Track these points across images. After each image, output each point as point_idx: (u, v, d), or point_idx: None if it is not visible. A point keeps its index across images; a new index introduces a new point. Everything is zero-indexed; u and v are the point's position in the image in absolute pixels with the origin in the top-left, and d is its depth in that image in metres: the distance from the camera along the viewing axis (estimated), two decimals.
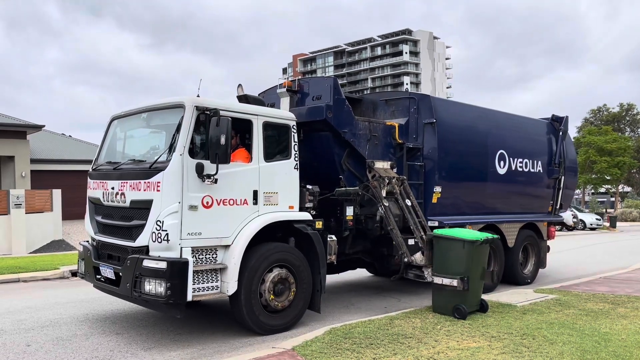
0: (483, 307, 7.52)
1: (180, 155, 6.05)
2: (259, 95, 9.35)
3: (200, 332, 6.89)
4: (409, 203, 8.32)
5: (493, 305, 7.98)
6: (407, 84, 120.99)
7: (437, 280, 7.51)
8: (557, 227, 12.47)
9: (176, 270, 5.87)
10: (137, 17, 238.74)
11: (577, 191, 64.65)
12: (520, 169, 10.49)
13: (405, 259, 7.99)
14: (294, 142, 7.22)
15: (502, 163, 10.08)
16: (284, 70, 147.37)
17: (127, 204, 6.44)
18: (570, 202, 12.79)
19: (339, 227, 7.99)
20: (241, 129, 6.92)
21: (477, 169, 9.70)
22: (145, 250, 6.13)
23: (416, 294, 9.74)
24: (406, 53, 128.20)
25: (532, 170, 10.76)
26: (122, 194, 6.51)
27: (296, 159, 7.20)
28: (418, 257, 7.99)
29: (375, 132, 8.58)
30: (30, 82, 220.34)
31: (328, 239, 7.52)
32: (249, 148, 6.81)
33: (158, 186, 6.06)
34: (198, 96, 6.48)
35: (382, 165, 8.40)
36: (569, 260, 16.16)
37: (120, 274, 6.32)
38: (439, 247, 7.59)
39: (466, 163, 9.48)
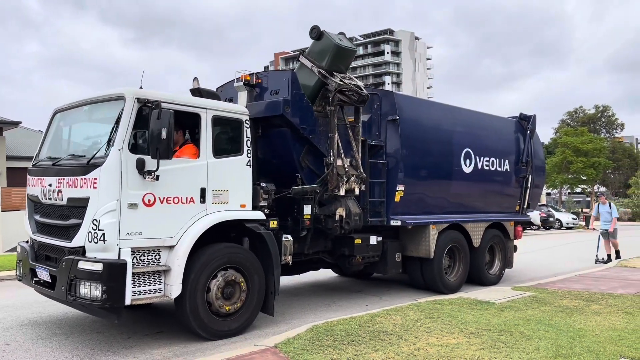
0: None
1: (119, 150, 5.69)
2: (217, 89, 9.02)
3: (182, 331, 6.67)
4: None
5: (472, 302, 8.07)
6: (388, 83, 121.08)
7: None
8: (534, 227, 12.64)
9: (113, 273, 5.51)
10: (122, 10, 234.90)
11: (554, 191, 65.27)
12: (487, 168, 10.29)
13: None
14: (247, 137, 6.89)
15: (468, 162, 9.86)
16: (266, 69, 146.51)
17: (64, 201, 6.07)
18: (538, 201, 12.66)
19: (296, 226, 7.69)
20: (189, 123, 6.58)
21: (441, 167, 9.47)
22: (81, 251, 5.76)
23: (397, 292, 9.67)
24: (387, 53, 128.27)
25: (499, 169, 10.57)
26: (59, 191, 6.14)
27: (249, 155, 6.87)
28: None
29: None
30: (9, 77, 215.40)
31: (283, 239, 7.21)
32: (197, 143, 6.47)
33: (95, 183, 5.70)
34: (141, 88, 6.13)
35: (341, 162, 8.12)
36: (545, 258, 16.34)
37: (56, 276, 5.95)
38: None
39: (430, 161, 9.25)
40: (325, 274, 10.96)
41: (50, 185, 6.29)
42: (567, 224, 35.64)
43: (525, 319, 7.02)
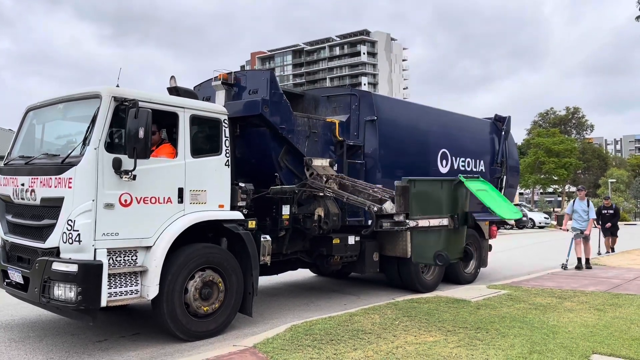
0: (467, 255, 7.17)
1: (95, 149, 5.59)
2: (194, 87, 8.94)
3: (159, 332, 6.56)
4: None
5: (448, 301, 8.15)
6: (364, 84, 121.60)
7: (423, 223, 6.91)
8: (509, 227, 12.58)
9: (88, 274, 5.42)
10: (98, 6, 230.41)
11: (527, 191, 66.40)
12: (463, 168, 10.40)
13: (375, 208, 7.33)
14: (225, 137, 6.84)
15: (444, 162, 9.97)
16: (242, 68, 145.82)
17: (38, 201, 5.94)
18: (512, 200, 12.83)
19: (274, 226, 7.66)
20: (167, 122, 6.52)
21: (418, 167, 9.51)
22: (55, 252, 5.65)
23: (374, 291, 9.72)
24: (364, 54, 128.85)
25: (474, 169, 10.70)
26: (33, 190, 6.00)
27: (227, 155, 6.82)
28: (388, 206, 7.29)
29: (314, 129, 8.30)
30: None
31: (262, 239, 7.18)
32: (175, 143, 6.40)
33: (70, 182, 5.59)
34: (117, 86, 6.04)
35: (320, 162, 8.12)
36: (519, 257, 16.60)
37: (29, 277, 5.82)
38: (417, 191, 6.92)
39: (408, 161, 9.30)
40: (303, 274, 10.95)
41: (22, 184, 6.15)
42: (540, 223, 36.29)
43: (501, 316, 7.12)
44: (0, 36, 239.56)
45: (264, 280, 9.71)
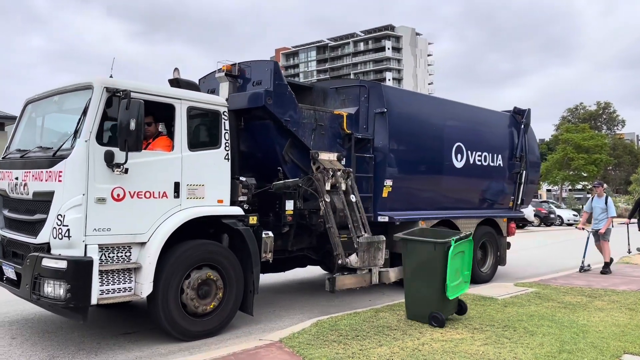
0: (462, 309, 6.92)
1: (86, 141, 5.42)
2: (199, 80, 8.75)
3: None
4: (353, 199, 7.72)
5: (475, 298, 8.01)
6: (389, 79, 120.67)
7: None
8: (530, 224, 12.02)
9: (78, 271, 5.25)
10: (128, 4, 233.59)
11: (555, 187, 64.98)
12: (479, 163, 10.00)
13: (340, 261, 7.40)
14: (225, 129, 6.61)
15: (459, 156, 9.58)
16: None
17: (30, 195, 5.81)
18: (532, 197, 12.37)
19: (278, 222, 7.41)
20: (164, 114, 6.30)
21: (431, 162, 9.19)
22: (46, 247, 5.50)
23: (399, 287, 9.21)
24: (388, 49, 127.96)
25: (491, 164, 10.29)
26: (25, 184, 5.88)
27: (227, 148, 6.60)
28: (353, 258, 7.40)
29: (321, 122, 8.01)
30: (12, 71, 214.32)
31: (263, 236, 6.93)
32: (172, 136, 6.20)
33: (60, 176, 5.43)
34: (111, 77, 5.86)
35: (327, 156, 7.84)
36: (547, 255, 16.26)
37: (21, 273, 5.69)
38: (409, 252, 6.85)
39: (420, 156, 8.97)
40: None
41: (17, 178, 6.04)
42: (568, 220, 35.45)
43: (529, 314, 7.02)
44: (34, 34, 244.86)
45: (289, 276, 9.77)
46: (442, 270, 6.42)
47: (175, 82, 7.15)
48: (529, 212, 10.51)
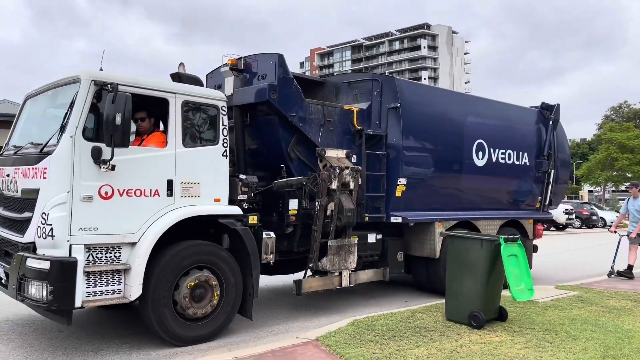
0: (502, 315, 6.74)
1: (71, 137, 5.20)
2: (207, 75, 8.51)
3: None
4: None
5: (514, 300, 7.52)
6: (424, 78, 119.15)
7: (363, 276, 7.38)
8: (559, 226, 11.39)
9: (60, 272, 5.03)
10: (167, 6, 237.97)
11: (598, 189, 62.74)
12: (503, 161, 9.44)
13: (310, 264, 7.16)
14: (223, 125, 6.31)
15: (480, 154, 9.04)
16: (301, 64, 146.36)
17: (19, 193, 5.64)
18: (562, 197, 11.68)
19: (281, 222, 7.08)
20: (158, 109, 6.05)
21: (450, 159, 8.69)
22: (32, 247, 5.30)
23: (435, 292, 9.02)
24: (424, 48, 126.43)
25: (516, 162, 9.70)
26: (15, 182, 5.72)
27: (225, 144, 6.30)
28: (324, 261, 7.15)
29: (330, 117, 7.64)
30: (55, 73, 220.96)
31: (264, 236, 6.61)
32: (167, 131, 5.93)
33: (44, 173, 5.24)
34: (101, 70, 5.63)
35: (335, 153, 7.47)
36: (589, 257, 15.76)
37: (9, 273, 5.52)
38: (453, 249, 6.74)
39: (437, 153, 8.47)
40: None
41: (8, 175, 5.89)
42: (611, 222, 33.93)
43: (571, 318, 6.88)
44: (76, 37, 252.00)
45: None
46: (488, 269, 6.37)
47: (177, 77, 6.90)
48: (558, 213, 9.87)
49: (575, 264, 13.78)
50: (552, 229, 28.04)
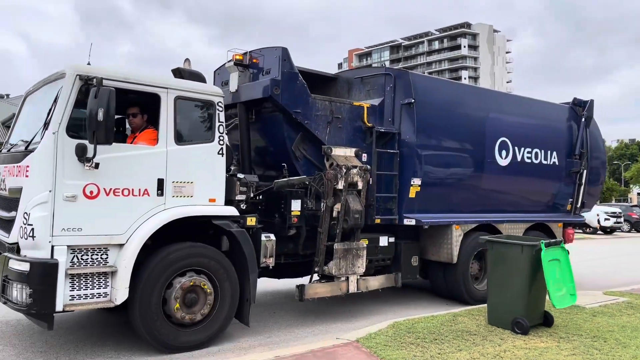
0: (548, 321, 6.51)
1: (54, 133, 5.00)
2: (214, 71, 8.26)
3: (265, 321, 6.93)
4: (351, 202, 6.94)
5: None
6: (464, 78, 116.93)
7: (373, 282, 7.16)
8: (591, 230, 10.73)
9: (40, 274, 4.83)
10: (207, 9, 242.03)
11: None
12: (529, 160, 8.84)
13: (316, 268, 6.83)
14: (219, 122, 6.01)
15: (504, 153, 8.49)
16: (339, 66, 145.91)
17: (7, 192, 5.49)
18: (597, 199, 10.92)
19: (283, 224, 6.74)
20: (151, 105, 5.80)
21: (469, 159, 8.16)
22: (17, 247, 5.12)
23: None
24: (464, 47, 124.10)
25: (544, 162, 9.08)
26: (3, 180, 5.58)
27: (221, 142, 6.00)
28: (330, 266, 6.80)
29: (338, 114, 7.27)
30: None
31: (263, 238, 6.29)
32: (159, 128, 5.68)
33: (27, 171, 5.06)
34: (89, 64, 5.42)
35: (343, 152, 7.09)
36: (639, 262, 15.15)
37: None
38: (493, 254, 6.57)
39: (455, 151, 7.99)
40: None
41: (0, 173, 5.75)
42: None
43: (621, 325, 6.63)
44: (122, 40, 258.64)
45: None
46: (530, 274, 6.17)
47: (177, 73, 6.65)
48: (591, 216, 9.13)
49: (624, 269, 13.18)
50: (598, 232, 26.95)
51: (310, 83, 7.83)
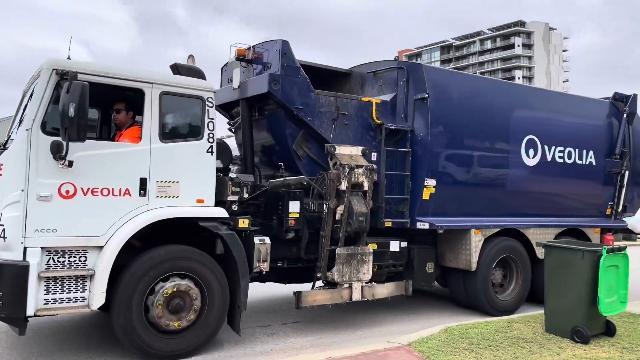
0: (610, 330, 6.27)
1: (27, 130, 4.81)
2: (222, 68, 7.99)
3: (319, 322, 6.95)
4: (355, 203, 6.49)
5: (623, 315, 7.11)
6: (518, 78, 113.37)
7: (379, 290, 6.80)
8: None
9: (9, 277, 4.64)
10: (259, 13, 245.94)
11: None
12: (560, 160, 8.12)
13: (318, 274, 6.42)
14: (209, 118, 5.68)
15: (531, 151, 7.81)
16: None
17: None
18: None
19: (280, 227, 6.35)
20: (136, 101, 5.55)
21: (491, 158, 7.54)
22: None
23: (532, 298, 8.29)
24: (518, 46, 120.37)
25: (578, 161, 8.32)
26: None
27: (211, 140, 5.67)
28: (333, 272, 6.36)
29: (344, 110, 6.84)
30: None
31: (256, 242, 5.92)
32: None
33: (0, 170, 4.88)
34: (69, 58, 5.21)
35: (348, 150, 6.66)
36: None
37: None
38: (551, 259, 6.34)
39: (475, 150, 7.39)
40: None
41: None
42: None
43: None
44: (176, 45, 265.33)
45: None
46: (591, 281, 5.94)
47: (175, 69, 6.40)
48: (635, 221, 8.29)
49: None
50: None
51: (324, 79, 7.47)
